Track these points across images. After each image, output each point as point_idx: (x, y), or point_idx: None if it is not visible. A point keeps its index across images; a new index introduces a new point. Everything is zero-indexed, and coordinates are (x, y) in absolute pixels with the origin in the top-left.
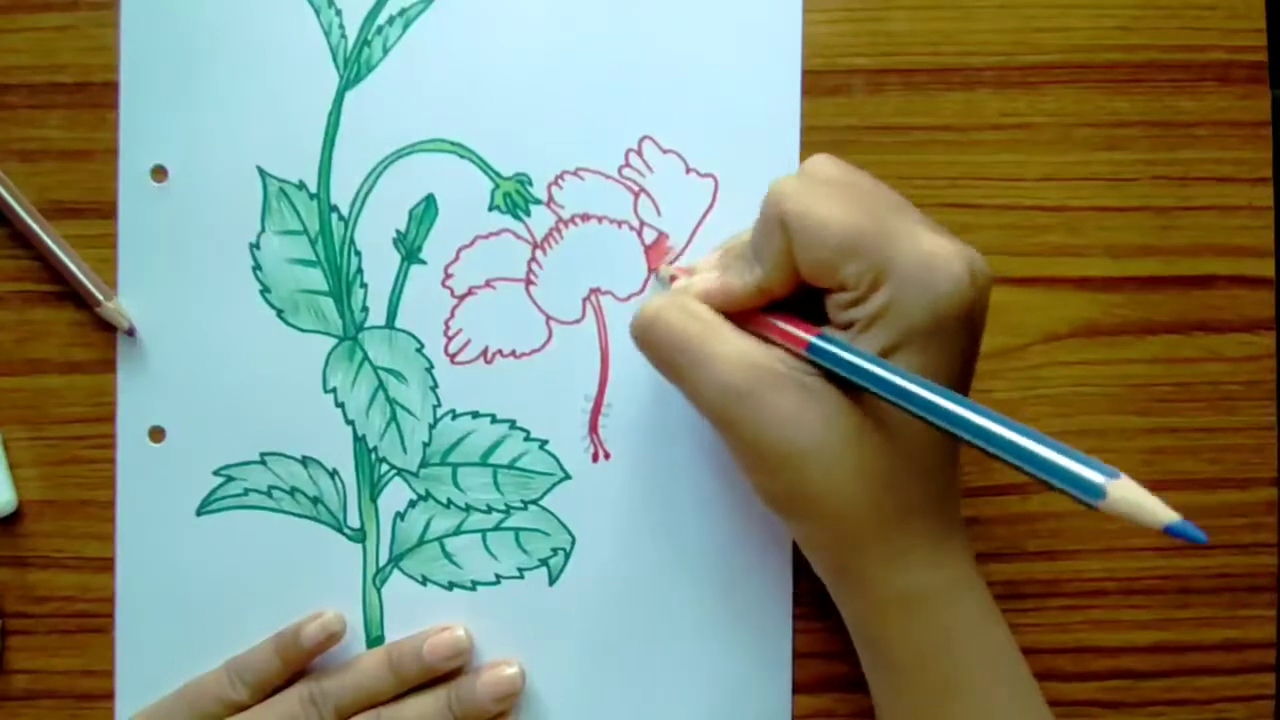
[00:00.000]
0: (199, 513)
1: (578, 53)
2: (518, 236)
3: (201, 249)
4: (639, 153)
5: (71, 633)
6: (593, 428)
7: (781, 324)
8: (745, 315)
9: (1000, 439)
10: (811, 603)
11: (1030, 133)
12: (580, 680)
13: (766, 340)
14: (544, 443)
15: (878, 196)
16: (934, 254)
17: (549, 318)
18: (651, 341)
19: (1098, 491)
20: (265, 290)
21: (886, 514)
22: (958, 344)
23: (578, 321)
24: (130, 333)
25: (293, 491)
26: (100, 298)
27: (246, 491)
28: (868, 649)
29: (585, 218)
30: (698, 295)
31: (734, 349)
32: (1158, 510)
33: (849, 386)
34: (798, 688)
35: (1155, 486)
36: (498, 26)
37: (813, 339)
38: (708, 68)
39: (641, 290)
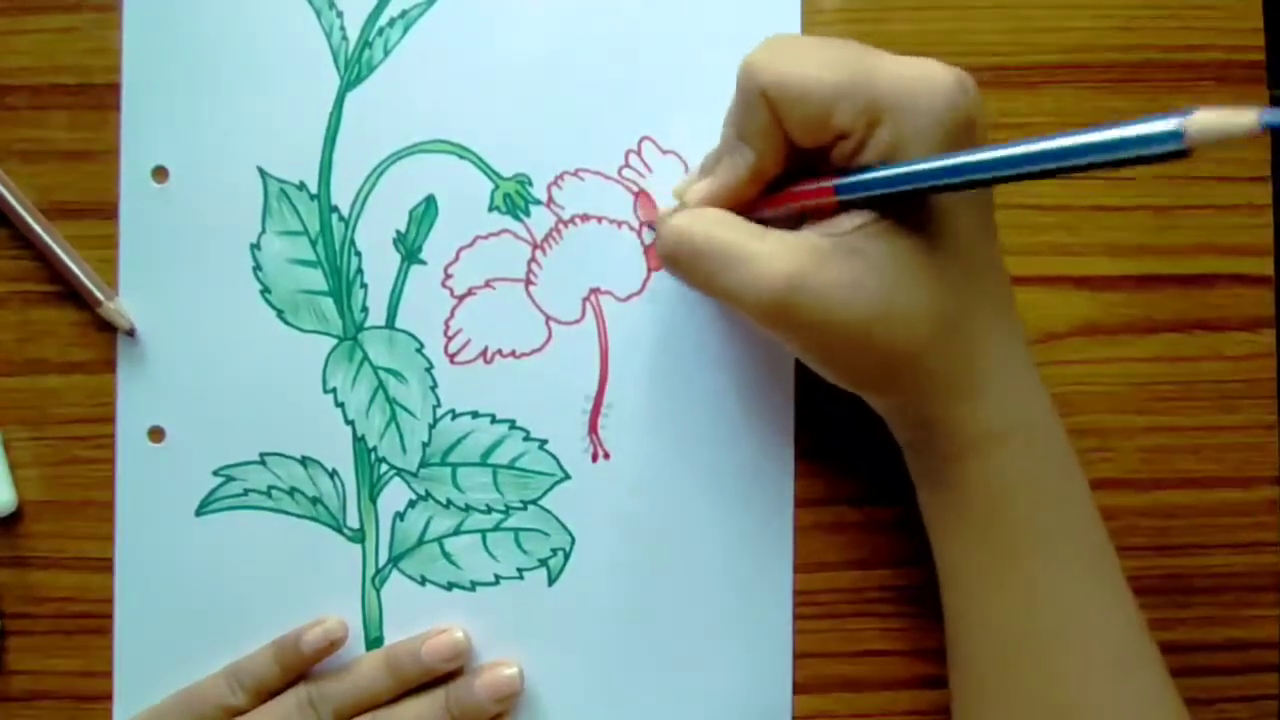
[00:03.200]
0: (198, 513)
1: (578, 54)
2: (517, 237)
3: (202, 249)
4: (639, 153)
5: (71, 633)
6: (592, 428)
7: (796, 189)
8: (754, 205)
9: (1064, 149)
10: (811, 603)
11: (1030, 132)
12: (579, 681)
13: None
14: (544, 443)
15: (844, 44)
16: (919, 76)
17: (549, 318)
18: (685, 256)
19: (1176, 136)
20: (266, 290)
21: (956, 353)
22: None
23: (577, 322)
24: (131, 333)
25: (292, 492)
26: (101, 298)
27: (246, 492)
28: (943, 496)
29: (585, 218)
30: (704, 197)
31: (772, 241)
32: (1240, 118)
33: (888, 234)
34: (798, 688)
35: (1156, 486)
36: (498, 28)
37: (837, 181)
38: (707, 68)
39: (641, 290)
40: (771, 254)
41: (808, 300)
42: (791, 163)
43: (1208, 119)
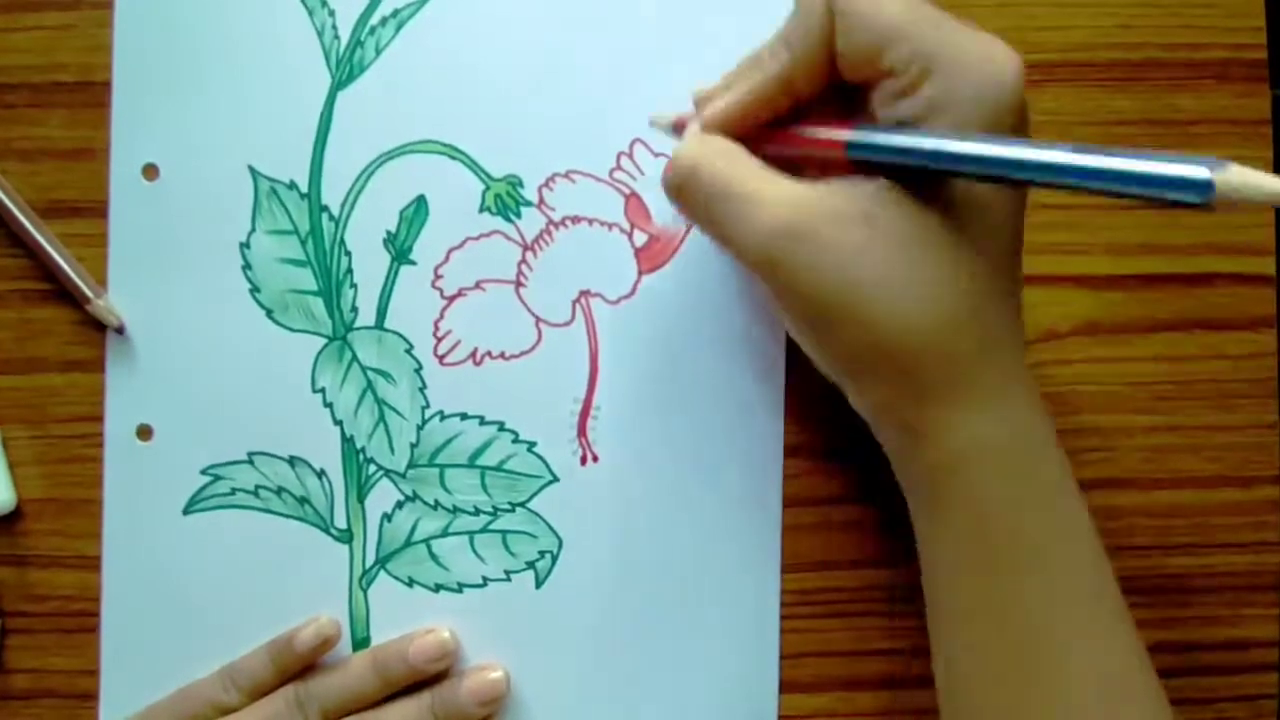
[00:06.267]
0: (186, 512)
1: (570, 55)
2: (508, 238)
3: (192, 248)
4: (630, 155)
5: (71, 632)
6: (581, 430)
7: (814, 129)
8: (772, 135)
9: (1085, 167)
10: (807, 602)
11: (1030, 131)
12: (566, 684)
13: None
14: (532, 445)
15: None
16: (985, 47)
17: (538, 319)
18: (691, 190)
19: (1206, 186)
20: (255, 289)
21: (959, 352)
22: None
23: (567, 324)
24: (120, 330)
25: (280, 491)
26: (90, 295)
27: (234, 491)
28: (929, 508)
29: (576, 220)
30: (725, 109)
31: (785, 188)
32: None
33: (909, 204)
34: (784, 688)
35: (1156, 485)
36: (490, 28)
37: (851, 133)
38: (699, 71)
39: (631, 293)
40: (777, 198)
41: (806, 256)
42: (822, 97)
43: (1239, 177)
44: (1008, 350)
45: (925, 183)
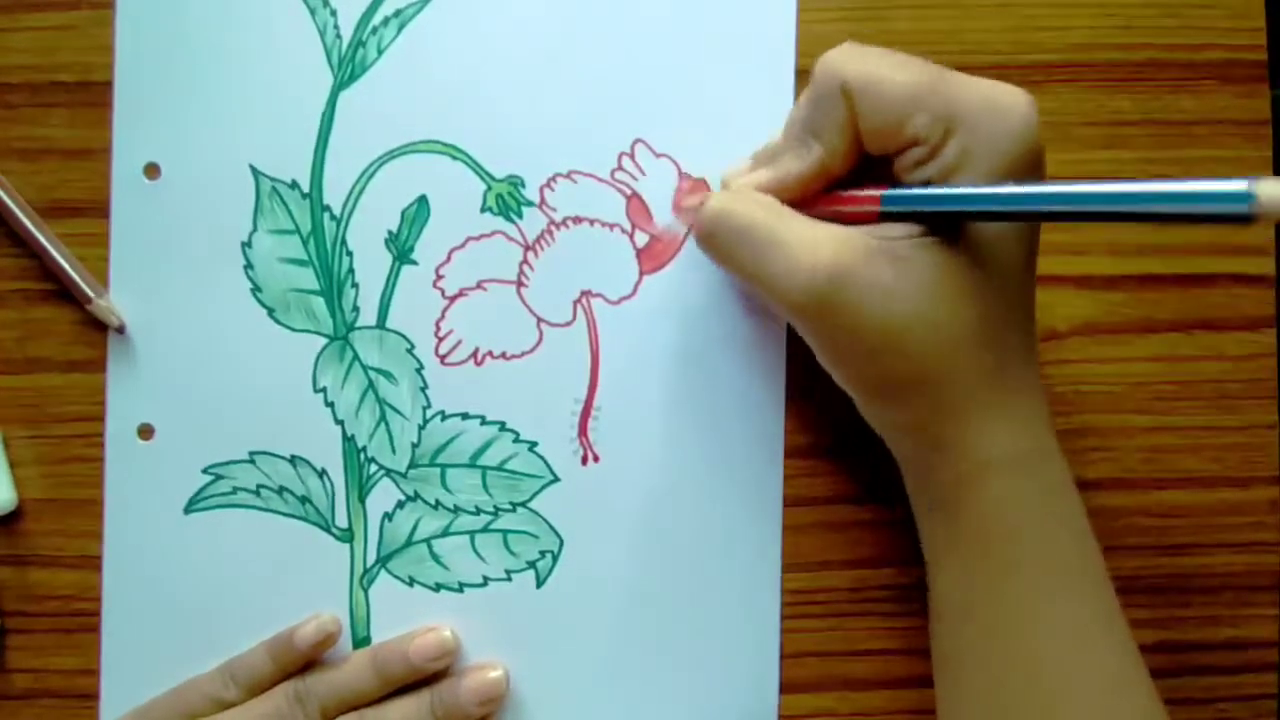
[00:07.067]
0: (187, 511)
1: (572, 55)
2: (509, 238)
3: (193, 247)
4: (631, 156)
5: (71, 632)
6: (582, 430)
7: (848, 194)
8: (805, 204)
9: (1124, 195)
10: (808, 602)
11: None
12: (566, 683)
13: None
14: (533, 445)
15: (921, 59)
16: (998, 95)
17: (539, 320)
18: (721, 236)
19: (1247, 197)
20: (256, 289)
21: (987, 372)
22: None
23: (568, 324)
24: (121, 330)
25: (281, 491)
26: (91, 295)
27: (235, 490)
28: (946, 521)
29: (577, 220)
30: (763, 184)
31: (815, 230)
32: None
33: (935, 246)
34: (784, 688)
35: (1156, 485)
36: (492, 28)
37: (885, 192)
38: (701, 71)
39: (632, 293)
40: (816, 242)
41: (847, 295)
42: (854, 169)
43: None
44: (1023, 367)
45: (947, 227)
